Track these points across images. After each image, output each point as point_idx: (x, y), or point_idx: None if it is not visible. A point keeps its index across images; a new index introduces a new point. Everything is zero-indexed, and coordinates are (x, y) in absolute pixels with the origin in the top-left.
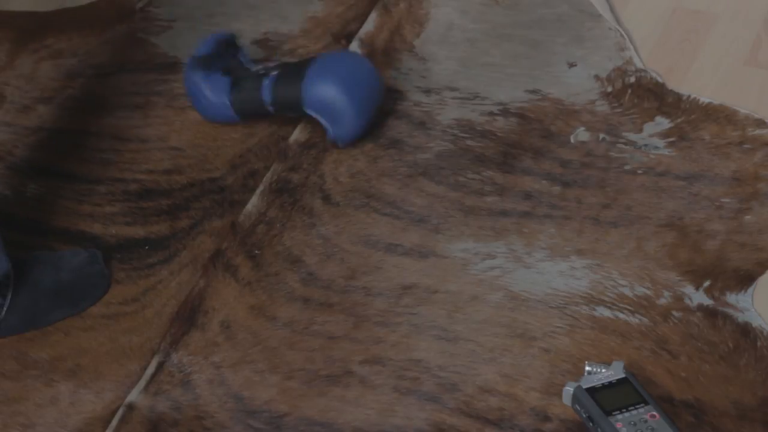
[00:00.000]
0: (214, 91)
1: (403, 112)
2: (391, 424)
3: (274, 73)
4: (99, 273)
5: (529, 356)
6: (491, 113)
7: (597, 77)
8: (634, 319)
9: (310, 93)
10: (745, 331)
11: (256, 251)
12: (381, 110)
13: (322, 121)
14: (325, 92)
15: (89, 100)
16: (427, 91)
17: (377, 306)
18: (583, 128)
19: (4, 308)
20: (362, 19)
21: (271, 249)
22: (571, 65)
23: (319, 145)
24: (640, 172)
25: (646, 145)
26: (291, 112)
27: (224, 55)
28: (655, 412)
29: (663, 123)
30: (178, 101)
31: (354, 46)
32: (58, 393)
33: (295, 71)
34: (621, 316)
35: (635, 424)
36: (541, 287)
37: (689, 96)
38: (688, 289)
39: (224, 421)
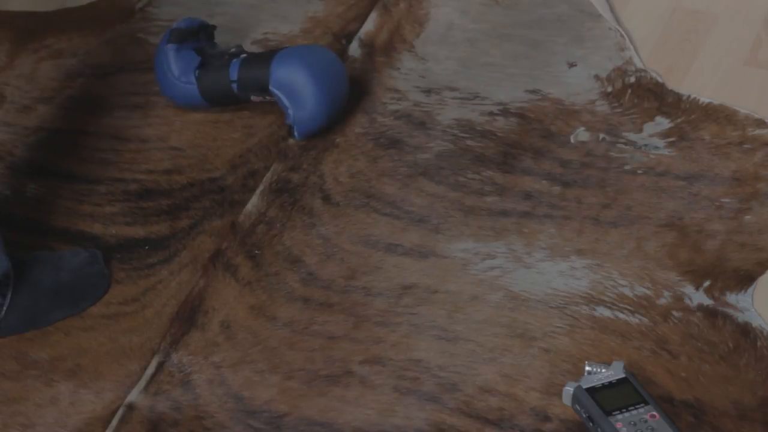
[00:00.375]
0: (181, 67)
1: (403, 112)
2: (391, 424)
3: (244, 55)
4: (99, 273)
5: (529, 356)
6: (491, 113)
7: (597, 77)
8: (634, 319)
9: (277, 71)
10: (745, 331)
11: (256, 251)
12: (347, 109)
13: (284, 100)
14: (292, 72)
15: (89, 100)
16: (427, 91)
17: (377, 306)
18: (583, 128)
19: (4, 308)
20: (362, 19)
21: (271, 249)
22: (571, 65)
23: (319, 145)
24: (640, 172)
25: (646, 145)
26: (254, 91)
27: (200, 38)
28: (655, 412)
29: (663, 123)
30: None
31: (354, 46)
32: (58, 393)
33: (265, 54)
34: (621, 316)
35: (635, 424)
36: (541, 287)
37: (689, 96)
38: (688, 289)
39: (224, 421)
